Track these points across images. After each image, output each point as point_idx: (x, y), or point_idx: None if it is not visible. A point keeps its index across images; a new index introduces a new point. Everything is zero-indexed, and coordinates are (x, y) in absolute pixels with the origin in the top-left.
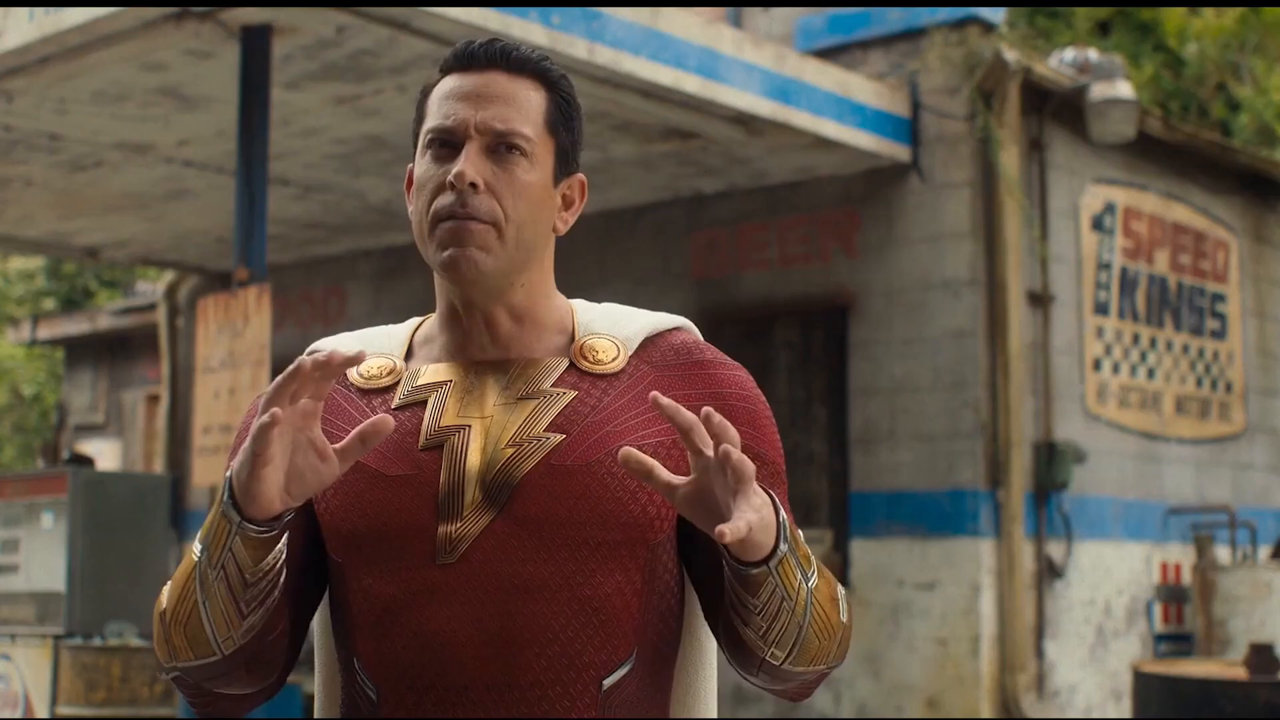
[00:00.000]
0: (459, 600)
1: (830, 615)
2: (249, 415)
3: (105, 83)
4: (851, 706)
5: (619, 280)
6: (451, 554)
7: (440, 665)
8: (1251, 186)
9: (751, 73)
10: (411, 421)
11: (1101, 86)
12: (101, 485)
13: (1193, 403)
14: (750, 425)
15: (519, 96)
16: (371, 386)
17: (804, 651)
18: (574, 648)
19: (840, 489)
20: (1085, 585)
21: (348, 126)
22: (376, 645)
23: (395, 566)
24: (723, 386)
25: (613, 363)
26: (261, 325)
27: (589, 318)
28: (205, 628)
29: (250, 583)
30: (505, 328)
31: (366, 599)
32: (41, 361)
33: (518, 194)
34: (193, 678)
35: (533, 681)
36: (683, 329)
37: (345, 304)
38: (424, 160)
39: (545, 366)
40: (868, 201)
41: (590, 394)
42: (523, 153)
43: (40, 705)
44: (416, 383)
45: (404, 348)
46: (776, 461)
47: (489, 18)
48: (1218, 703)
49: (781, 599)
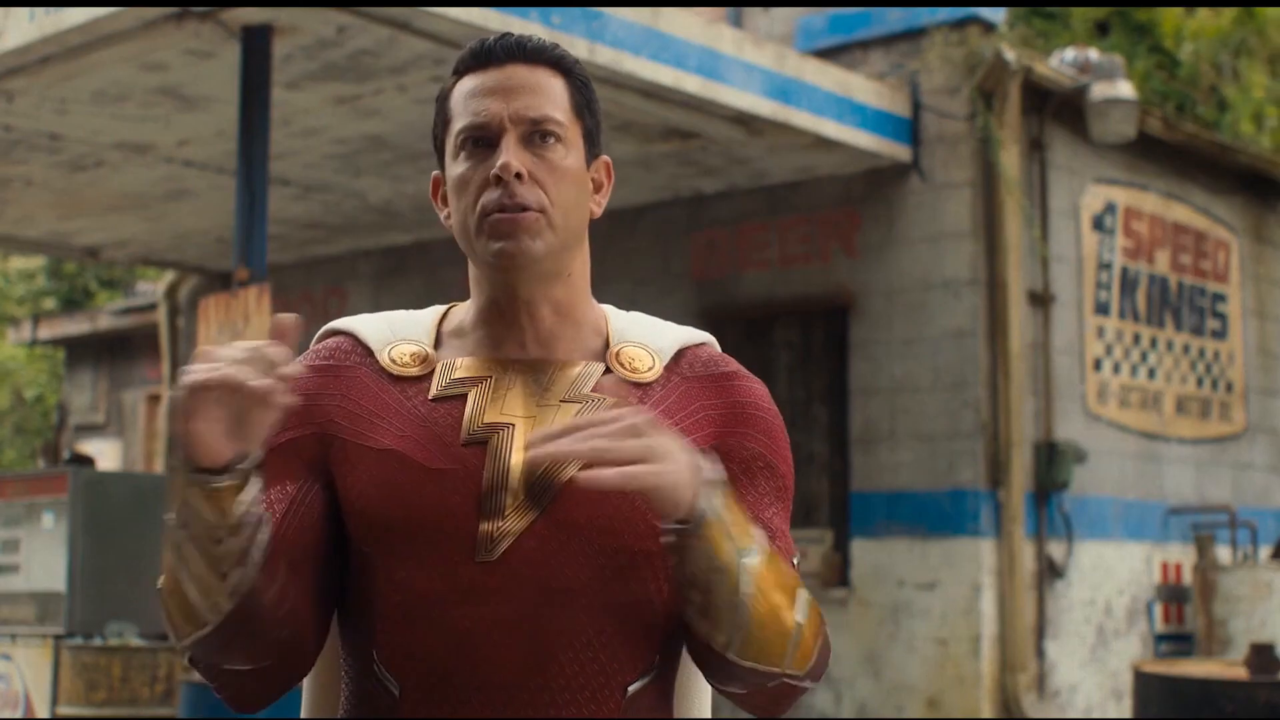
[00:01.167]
0: (495, 599)
1: (776, 605)
2: None
3: (105, 83)
4: (852, 706)
5: (619, 280)
6: (492, 552)
7: (472, 664)
8: (1252, 186)
9: (752, 73)
10: (451, 415)
11: (1102, 86)
12: (102, 485)
13: (1193, 403)
14: (766, 435)
15: (543, 85)
16: (403, 374)
17: (748, 642)
18: (605, 654)
19: (840, 489)
20: (1086, 585)
21: (348, 126)
22: (404, 640)
23: (431, 560)
24: (743, 396)
25: (649, 372)
26: (262, 325)
27: (622, 324)
28: (190, 595)
29: (219, 539)
30: (547, 323)
31: (397, 591)
32: (43, 363)
33: (560, 179)
34: (199, 655)
35: (563, 685)
36: (708, 344)
37: (345, 304)
38: (459, 161)
39: (584, 370)
40: (868, 201)
41: (629, 402)
42: (558, 138)
43: (40, 705)
44: (454, 375)
45: (432, 336)
46: (786, 475)
47: (489, 18)
48: (1218, 703)
49: (710, 570)
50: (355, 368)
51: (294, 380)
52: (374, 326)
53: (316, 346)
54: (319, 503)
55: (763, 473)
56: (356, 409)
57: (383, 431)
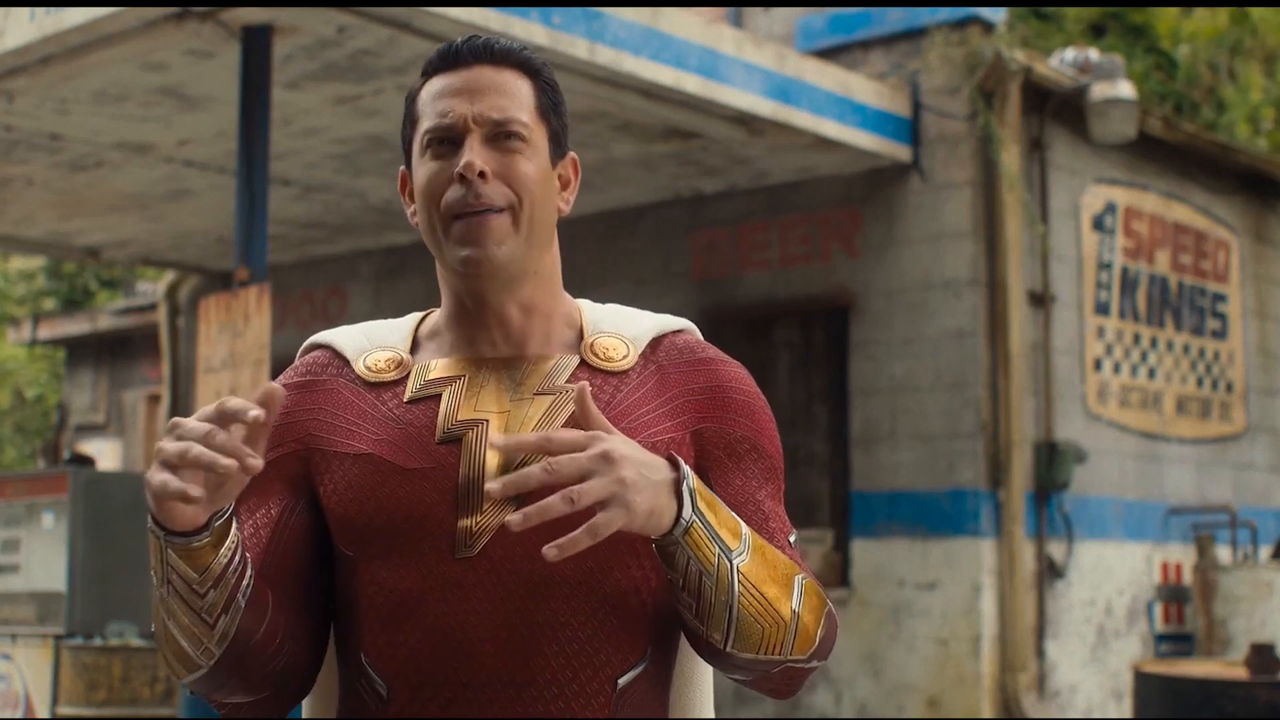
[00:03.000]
0: (477, 595)
1: (770, 599)
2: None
3: (106, 83)
4: (852, 706)
5: (619, 280)
6: (471, 548)
7: (457, 661)
8: (1252, 186)
9: (752, 73)
10: (425, 415)
11: (1102, 86)
12: (102, 485)
13: (1193, 403)
14: (749, 418)
15: (509, 86)
16: (378, 380)
17: (742, 636)
18: (592, 645)
19: (841, 489)
20: (1086, 585)
21: (348, 126)
22: (389, 640)
23: (411, 560)
24: (723, 380)
25: (623, 360)
26: (262, 325)
27: (596, 316)
28: (182, 644)
29: (202, 593)
30: (516, 323)
31: (380, 593)
32: (43, 363)
33: (524, 177)
34: (199, 691)
35: (550, 680)
36: (686, 331)
37: (346, 304)
38: (425, 162)
39: (558, 363)
40: (868, 201)
41: (603, 390)
42: (522, 138)
43: (41, 705)
44: (428, 376)
45: (409, 341)
46: (774, 455)
47: (489, 18)
48: (1218, 703)
49: (700, 574)
50: (332, 380)
51: (269, 436)
52: (351, 337)
53: (296, 363)
54: (304, 520)
55: (749, 455)
56: (333, 419)
57: (359, 437)
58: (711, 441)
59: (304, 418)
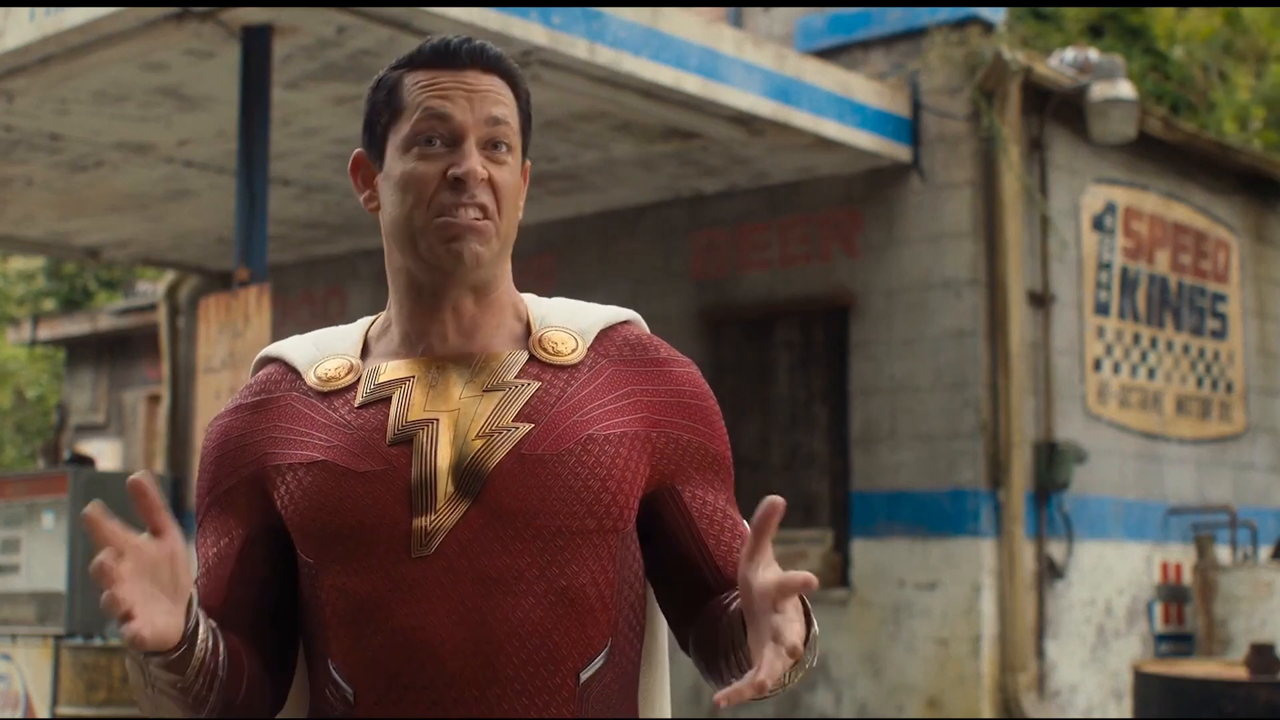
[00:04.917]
0: (435, 595)
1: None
2: (207, 442)
3: (106, 83)
4: (852, 706)
5: (619, 280)
6: (427, 547)
7: (419, 662)
8: (1252, 186)
9: (752, 73)
10: (376, 418)
11: (1102, 86)
12: (102, 485)
13: (1193, 403)
14: (704, 422)
15: (502, 93)
16: (330, 388)
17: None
18: (551, 640)
19: (841, 489)
20: (1086, 585)
21: (348, 126)
22: (352, 644)
23: (369, 563)
24: (680, 384)
25: (572, 354)
26: (262, 325)
27: (542, 311)
28: (177, 714)
29: (187, 687)
30: (469, 313)
31: (340, 597)
32: (43, 363)
33: (506, 186)
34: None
35: (512, 676)
36: (632, 322)
37: (346, 304)
38: (409, 157)
39: (507, 359)
40: (868, 201)
41: (554, 384)
42: (509, 147)
43: (41, 705)
44: (378, 380)
45: (359, 346)
46: (725, 456)
47: (489, 18)
48: (1218, 703)
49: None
50: (284, 395)
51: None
52: (301, 349)
53: (249, 380)
54: (265, 543)
55: (709, 464)
56: (286, 434)
57: (311, 446)
58: (671, 448)
59: (258, 439)
